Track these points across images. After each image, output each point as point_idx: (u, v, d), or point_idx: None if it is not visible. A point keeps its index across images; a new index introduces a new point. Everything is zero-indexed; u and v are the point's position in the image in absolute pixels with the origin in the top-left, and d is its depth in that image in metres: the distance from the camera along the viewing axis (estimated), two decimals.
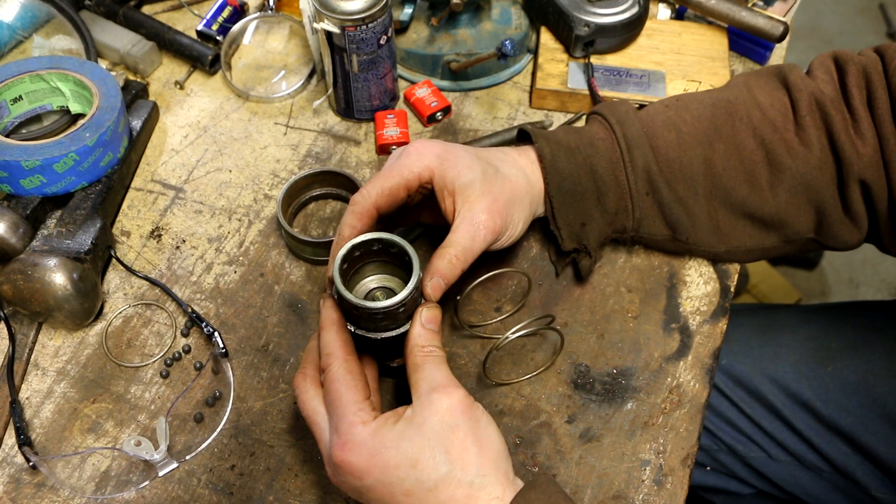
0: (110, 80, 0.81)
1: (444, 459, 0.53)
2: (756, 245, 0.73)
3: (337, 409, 0.55)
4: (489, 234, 0.64)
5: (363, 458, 0.53)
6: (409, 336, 0.59)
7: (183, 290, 0.76)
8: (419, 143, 0.66)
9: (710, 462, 0.96)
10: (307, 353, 0.61)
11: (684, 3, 0.94)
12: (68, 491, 0.65)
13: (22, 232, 0.72)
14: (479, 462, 0.53)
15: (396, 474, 0.53)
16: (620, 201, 0.71)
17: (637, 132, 0.70)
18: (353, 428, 0.54)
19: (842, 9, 2.65)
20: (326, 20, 0.77)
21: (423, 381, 0.56)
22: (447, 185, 0.64)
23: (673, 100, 0.74)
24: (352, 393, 0.55)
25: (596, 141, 0.71)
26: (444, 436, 0.53)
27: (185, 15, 0.99)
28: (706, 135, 0.70)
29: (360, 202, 0.63)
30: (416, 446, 0.53)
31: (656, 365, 0.72)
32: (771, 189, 0.70)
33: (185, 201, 0.82)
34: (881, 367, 0.86)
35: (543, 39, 0.92)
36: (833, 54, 0.73)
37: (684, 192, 0.70)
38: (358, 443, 0.53)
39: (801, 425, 0.89)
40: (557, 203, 0.70)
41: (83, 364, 0.72)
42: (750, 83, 0.73)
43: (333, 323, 0.59)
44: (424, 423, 0.53)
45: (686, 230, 0.72)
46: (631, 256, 0.78)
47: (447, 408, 0.54)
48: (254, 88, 0.92)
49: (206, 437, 0.68)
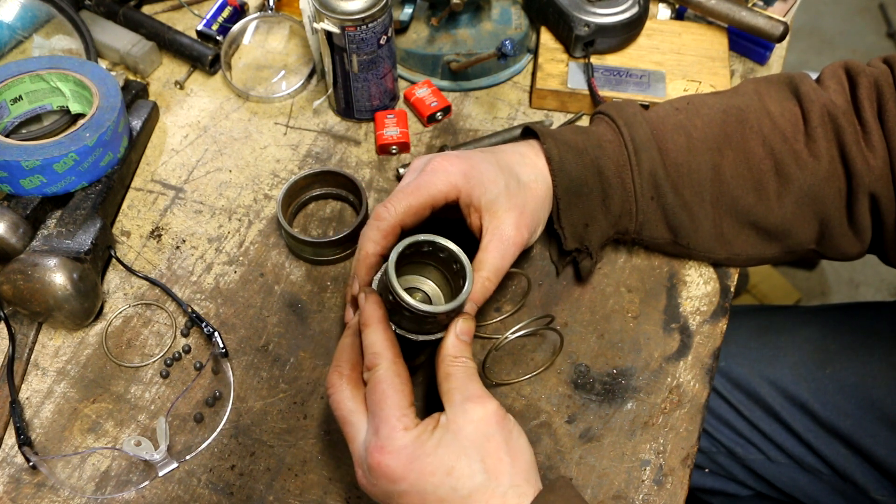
0: (110, 80, 0.81)
1: (480, 468, 0.52)
2: (757, 254, 0.73)
3: (381, 410, 0.54)
4: (517, 250, 0.64)
5: (401, 464, 0.52)
6: (444, 345, 0.58)
7: (183, 290, 0.76)
8: (444, 160, 0.65)
9: (708, 464, 0.96)
10: (341, 350, 0.60)
11: (684, 3, 0.94)
12: (68, 491, 0.65)
13: (22, 232, 0.72)
14: (511, 472, 0.53)
15: (432, 481, 0.52)
16: (625, 204, 0.70)
17: (645, 135, 0.70)
18: (395, 432, 0.53)
19: (842, 9, 2.65)
20: (326, 20, 0.77)
21: (456, 391, 0.55)
22: (473, 203, 0.64)
23: (683, 102, 0.73)
24: (398, 397, 0.54)
25: (603, 142, 0.70)
26: (480, 445, 0.53)
27: (185, 15, 0.99)
28: (716, 140, 0.70)
29: (387, 219, 0.63)
30: (453, 454, 0.53)
31: (656, 365, 0.72)
32: (778, 199, 0.70)
33: (185, 201, 0.82)
34: (879, 370, 0.86)
35: (543, 39, 0.92)
36: (844, 64, 0.72)
37: (690, 197, 0.70)
38: (398, 448, 0.53)
39: (799, 428, 0.89)
40: (564, 204, 0.69)
41: (83, 364, 0.72)
42: (760, 91, 0.72)
43: (380, 321, 0.58)
44: (460, 432, 0.53)
45: (688, 235, 0.72)
46: (631, 256, 0.78)
47: (481, 418, 0.54)
48: (254, 88, 0.92)
49: (206, 437, 0.68)
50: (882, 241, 0.71)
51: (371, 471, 0.54)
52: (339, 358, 0.59)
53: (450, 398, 0.55)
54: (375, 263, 0.64)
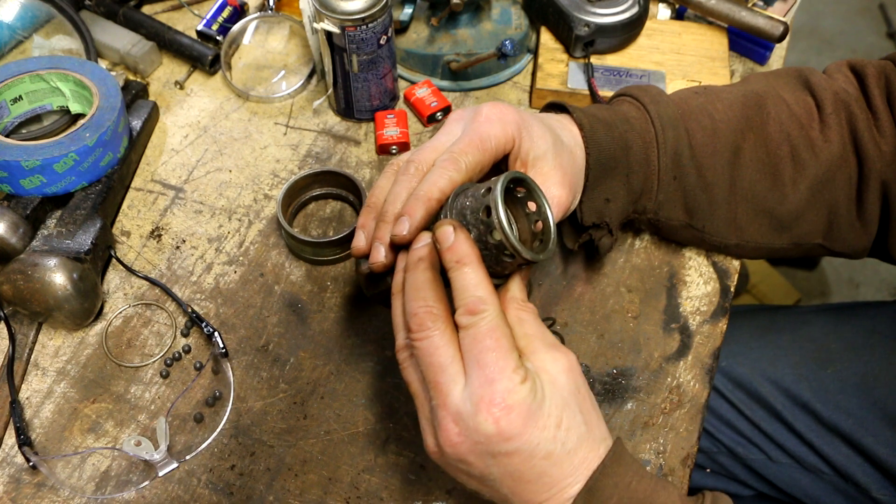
0: (110, 80, 0.81)
1: (581, 420, 0.50)
2: (766, 243, 0.73)
3: (497, 361, 0.49)
4: (562, 211, 0.61)
5: (521, 419, 0.48)
6: (509, 289, 0.55)
7: (183, 290, 0.76)
8: (498, 109, 0.59)
9: (709, 464, 0.96)
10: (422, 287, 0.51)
11: (684, 3, 0.94)
12: (68, 491, 0.65)
13: (22, 232, 0.72)
14: (599, 424, 0.52)
15: (543, 435, 0.49)
16: (647, 181, 0.69)
17: (673, 113, 0.68)
18: (515, 386, 0.49)
19: (842, 9, 2.65)
20: (326, 20, 0.77)
21: (536, 339, 0.52)
22: (521, 156, 0.60)
23: (701, 88, 0.73)
24: (511, 347, 0.50)
25: (630, 118, 0.69)
26: (575, 395, 0.51)
27: (185, 15, 0.99)
28: (738, 123, 0.69)
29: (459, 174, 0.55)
30: (558, 405, 0.50)
31: (656, 365, 0.72)
32: (793, 186, 0.70)
33: (185, 201, 0.82)
34: (881, 369, 0.86)
35: (543, 39, 0.92)
36: (847, 61, 0.73)
37: (711, 178, 0.69)
38: (520, 402, 0.48)
39: (801, 427, 0.88)
40: (593, 176, 0.66)
41: (83, 364, 0.72)
42: (771, 82, 0.73)
43: (479, 263, 0.51)
44: (556, 382, 0.51)
45: (704, 218, 0.71)
46: (631, 256, 0.78)
47: (570, 367, 0.52)
48: (254, 88, 0.92)
49: (206, 437, 0.68)
50: (888, 231, 0.72)
51: (486, 426, 0.48)
52: (424, 296, 0.51)
53: (530, 345, 0.52)
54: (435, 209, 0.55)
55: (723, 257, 0.78)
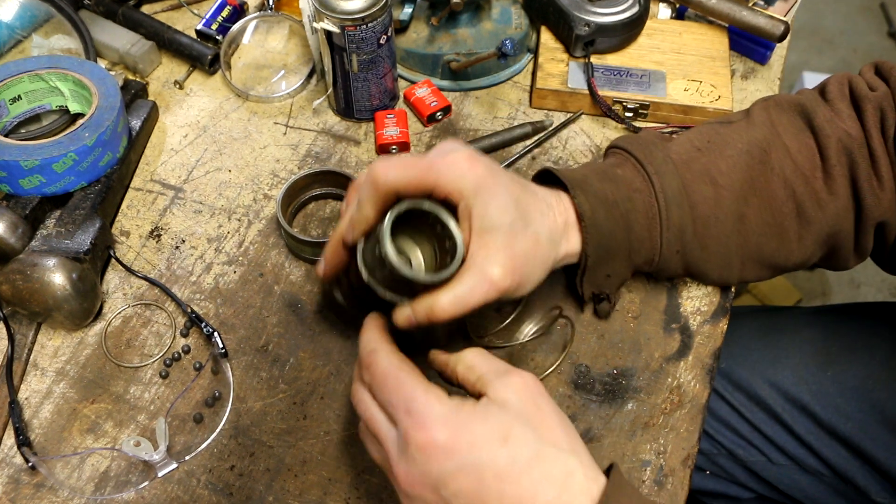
0: (109, 80, 0.80)
1: (535, 436, 0.49)
2: (764, 278, 0.73)
3: (404, 393, 0.51)
4: (495, 293, 0.57)
5: (449, 433, 0.48)
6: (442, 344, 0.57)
7: (182, 290, 0.76)
8: (466, 160, 0.57)
9: (709, 466, 0.96)
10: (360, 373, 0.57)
11: (685, 3, 0.94)
12: (67, 491, 0.65)
13: (21, 232, 0.72)
14: (567, 438, 0.51)
15: (487, 452, 0.48)
16: (649, 254, 0.69)
17: (676, 187, 0.67)
18: (430, 405, 0.49)
19: (843, 8, 2.65)
20: (326, 20, 0.77)
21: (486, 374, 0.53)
22: (468, 218, 0.57)
23: (704, 141, 0.70)
24: (415, 374, 0.52)
25: (633, 194, 0.67)
26: (529, 411, 0.50)
27: (185, 14, 0.99)
28: (742, 188, 0.68)
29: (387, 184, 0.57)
30: (504, 421, 0.49)
31: (657, 365, 0.71)
32: (798, 241, 0.69)
33: (184, 201, 0.82)
34: (881, 372, 0.86)
35: (543, 39, 0.92)
36: (849, 83, 0.71)
37: (715, 247, 0.69)
38: (441, 417, 0.49)
39: (800, 430, 0.88)
40: (592, 261, 0.66)
41: (82, 364, 0.72)
42: (774, 121, 0.70)
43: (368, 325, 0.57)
44: (506, 402, 0.50)
45: (704, 275, 0.71)
46: None
47: (524, 386, 0.51)
48: (253, 88, 0.92)
49: (206, 437, 0.68)
50: (883, 253, 0.72)
51: (421, 452, 0.49)
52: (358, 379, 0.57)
53: (484, 381, 0.52)
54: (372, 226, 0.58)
55: None
